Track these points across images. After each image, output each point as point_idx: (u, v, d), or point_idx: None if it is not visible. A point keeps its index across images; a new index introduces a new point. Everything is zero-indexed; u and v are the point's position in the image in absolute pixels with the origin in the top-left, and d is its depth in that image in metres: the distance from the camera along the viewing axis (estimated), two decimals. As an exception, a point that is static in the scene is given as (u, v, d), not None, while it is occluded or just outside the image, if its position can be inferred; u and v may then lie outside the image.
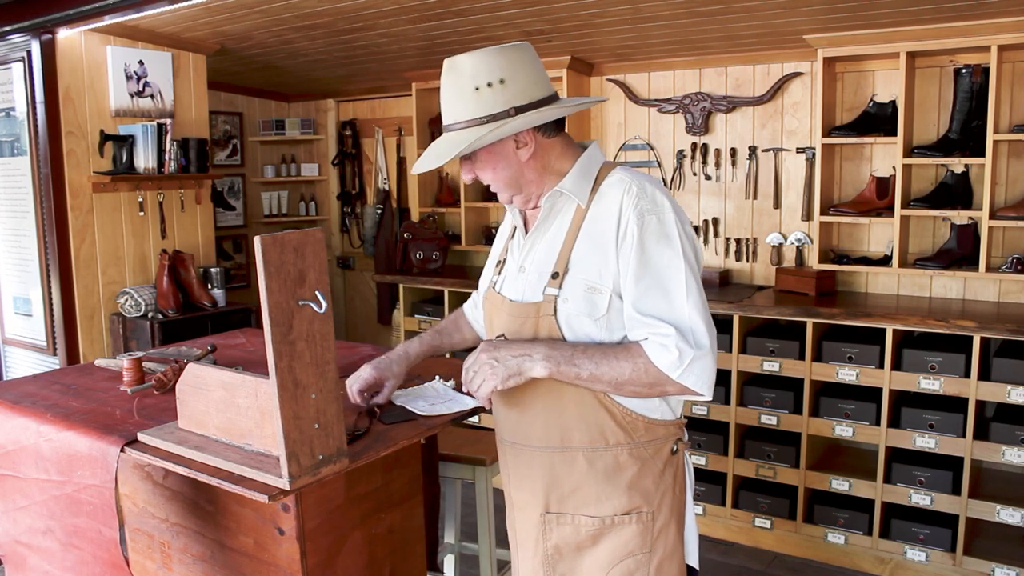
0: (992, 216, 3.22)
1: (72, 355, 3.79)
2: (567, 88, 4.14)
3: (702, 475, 3.73)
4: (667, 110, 4.14)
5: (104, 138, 3.75)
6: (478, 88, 1.54)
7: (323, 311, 1.46)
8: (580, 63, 4.19)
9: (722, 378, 3.58)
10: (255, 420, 1.60)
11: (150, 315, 3.79)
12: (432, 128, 4.69)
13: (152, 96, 3.99)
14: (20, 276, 4.01)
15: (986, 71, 3.22)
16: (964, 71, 3.29)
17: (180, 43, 4.04)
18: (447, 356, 2.53)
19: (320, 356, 1.47)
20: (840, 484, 3.41)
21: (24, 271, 3.97)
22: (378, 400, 1.89)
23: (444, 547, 2.95)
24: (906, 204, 3.41)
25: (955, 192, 3.38)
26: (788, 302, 3.51)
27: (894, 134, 3.39)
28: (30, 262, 3.90)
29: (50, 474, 1.92)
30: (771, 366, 3.52)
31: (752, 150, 3.95)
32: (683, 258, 1.52)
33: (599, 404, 1.59)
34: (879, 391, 3.29)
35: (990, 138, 3.17)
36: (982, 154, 3.22)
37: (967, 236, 3.39)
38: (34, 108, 3.68)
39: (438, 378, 2.13)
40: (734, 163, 4.01)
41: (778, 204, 3.92)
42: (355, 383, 1.88)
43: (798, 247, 3.86)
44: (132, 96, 3.91)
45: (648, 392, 1.53)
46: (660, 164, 4.21)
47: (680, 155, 4.14)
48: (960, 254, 3.38)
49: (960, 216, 3.39)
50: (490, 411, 1.75)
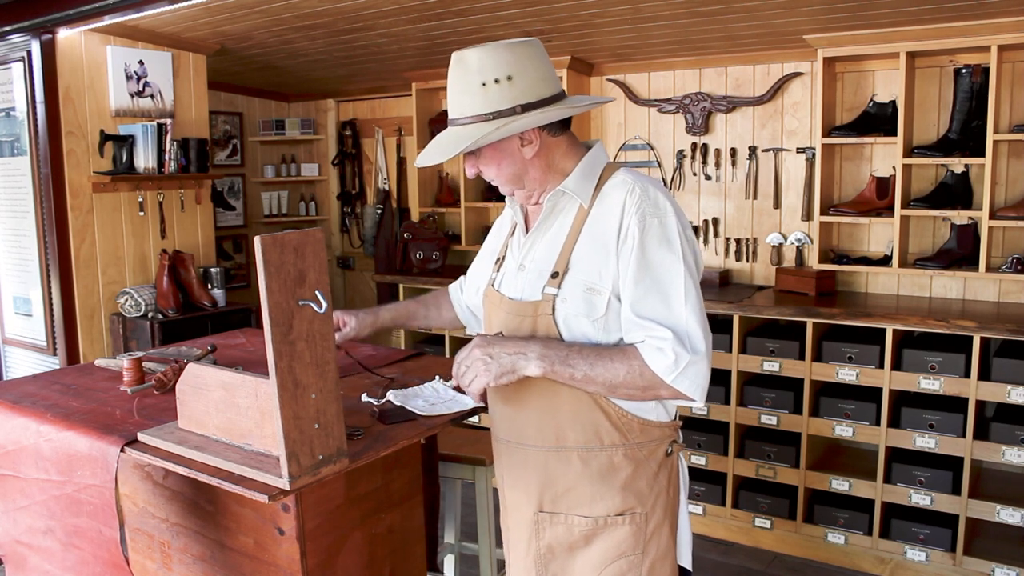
0: (992, 216, 3.22)
1: (72, 355, 3.79)
2: (567, 88, 4.14)
3: (702, 475, 3.73)
4: (667, 110, 4.14)
5: (104, 138, 3.76)
6: (485, 84, 1.53)
7: (323, 311, 1.46)
8: (580, 63, 4.19)
9: (722, 378, 3.58)
10: (255, 420, 1.59)
11: (150, 315, 3.79)
12: (432, 128, 4.69)
13: (152, 96, 3.98)
14: (20, 276, 4.01)
15: (986, 71, 3.22)
16: (964, 71, 3.29)
17: (180, 43, 4.04)
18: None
19: (320, 356, 1.47)
20: (840, 484, 3.41)
21: (24, 271, 3.97)
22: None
23: (444, 547, 2.95)
24: (906, 204, 3.41)
25: (955, 192, 3.38)
26: (788, 302, 3.51)
27: (894, 134, 3.40)
28: (30, 262, 3.90)
29: (50, 474, 1.92)
30: (771, 366, 3.52)
31: (752, 150, 3.95)
32: (683, 262, 1.52)
33: (595, 404, 1.59)
34: (879, 391, 3.29)
35: (990, 138, 3.17)
36: (982, 154, 3.22)
37: (967, 236, 3.39)
38: (34, 108, 3.68)
39: (438, 378, 2.13)
40: (734, 163, 4.01)
41: (778, 204, 3.92)
42: None
43: (798, 247, 3.86)
44: (132, 96, 3.91)
45: (641, 395, 1.53)
46: (660, 164, 4.21)
47: (680, 155, 4.14)
48: (960, 254, 3.38)
49: (960, 216, 3.39)
50: (486, 409, 1.75)
